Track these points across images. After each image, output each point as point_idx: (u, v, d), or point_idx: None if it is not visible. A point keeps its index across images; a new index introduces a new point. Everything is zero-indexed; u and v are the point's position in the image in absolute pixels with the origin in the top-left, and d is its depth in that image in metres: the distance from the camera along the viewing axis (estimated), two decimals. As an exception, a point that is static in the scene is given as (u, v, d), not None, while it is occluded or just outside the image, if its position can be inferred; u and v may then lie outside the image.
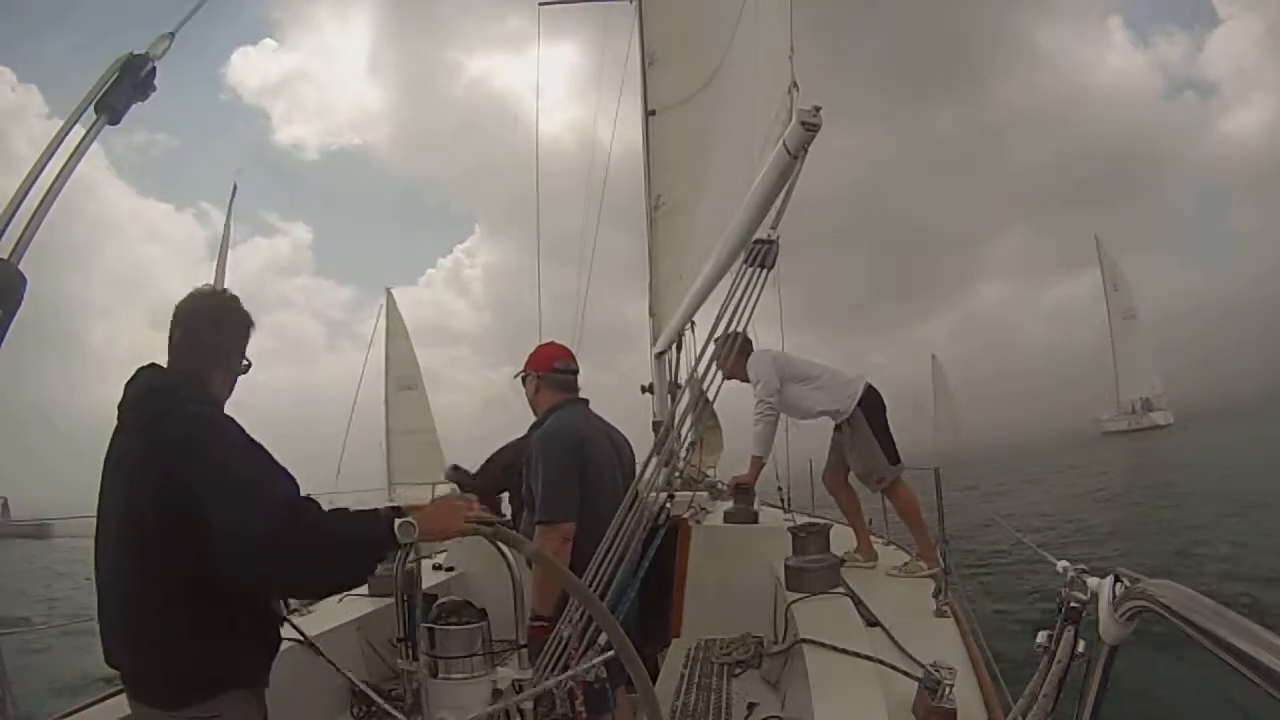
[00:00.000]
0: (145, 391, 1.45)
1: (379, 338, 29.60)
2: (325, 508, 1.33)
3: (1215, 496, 13.62)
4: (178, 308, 1.54)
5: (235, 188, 20.81)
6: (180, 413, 1.37)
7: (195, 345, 1.52)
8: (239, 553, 1.22)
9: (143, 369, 1.50)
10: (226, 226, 19.68)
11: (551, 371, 2.35)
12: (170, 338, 1.53)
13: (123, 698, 2.02)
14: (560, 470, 2.12)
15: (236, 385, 1.60)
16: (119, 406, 1.46)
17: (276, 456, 1.35)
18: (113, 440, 1.45)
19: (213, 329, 1.55)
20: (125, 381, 1.48)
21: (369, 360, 29.55)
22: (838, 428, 3.46)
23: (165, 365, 1.51)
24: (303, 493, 1.34)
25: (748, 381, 3.47)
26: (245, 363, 1.61)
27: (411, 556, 1.53)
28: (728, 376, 3.25)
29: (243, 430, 1.39)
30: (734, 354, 3.09)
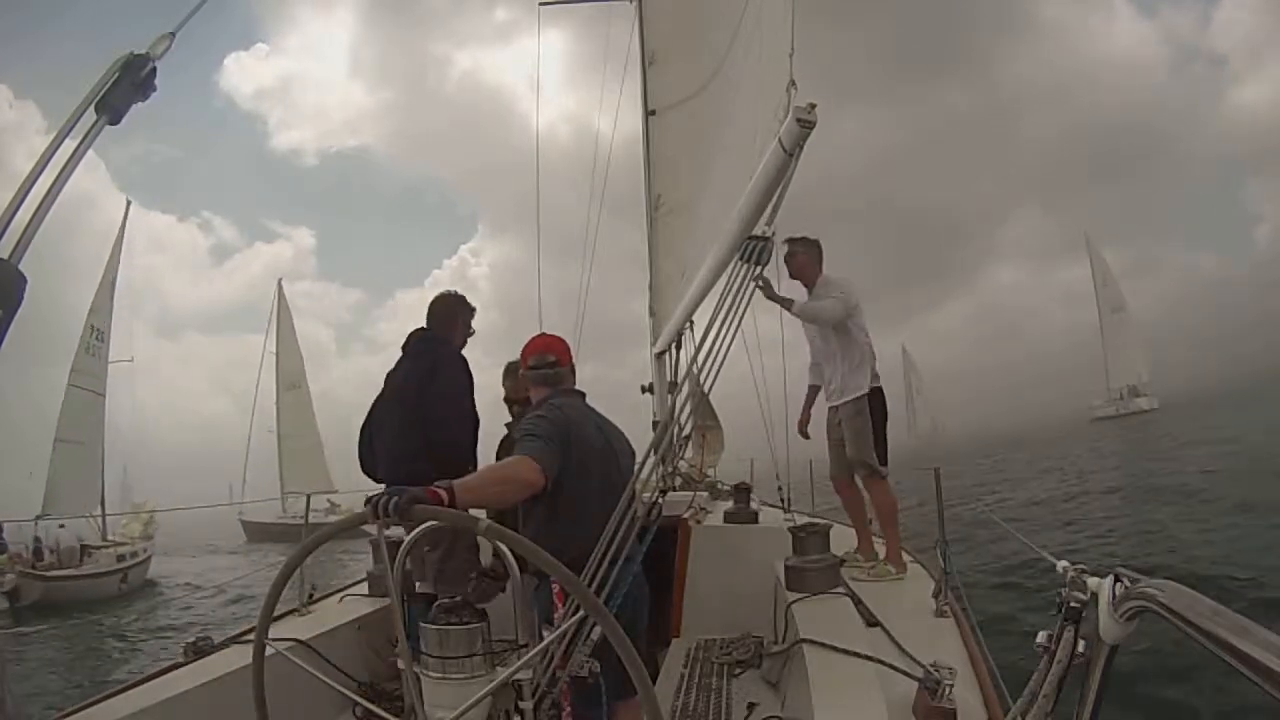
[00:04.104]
0: (422, 339, 2.83)
1: (271, 333, 29.07)
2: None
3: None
4: (431, 305, 2.92)
5: (129, 203, 21.09)
6: (439, 351, 2.78)
7: (443, 326, 2.88)
8: (441, 428, 2.61)
9: (421, 329, 2.87)
10: (120, 236, 19.95)
11: (528, 369, 2.34)
12: (431, 317, 2.88)
13: (122, 698, 2.03)
14: (546, 428, 2.02)
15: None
16: (403, 346, 2.85)
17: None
18: (397, 364, 2.82)
19: (451, 316, 2.91)
20: (409, 335, 2.88)
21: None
22: (836, 420, 3.45)
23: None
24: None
25: (808, 286, 3.43)
26: (470, 330, 2.95)
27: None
28: (794, 276, 3.42)
29: (467, 369, 2.79)
30: (804, 254, 3.40)
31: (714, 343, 1.95)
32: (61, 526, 16.51)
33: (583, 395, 2.37)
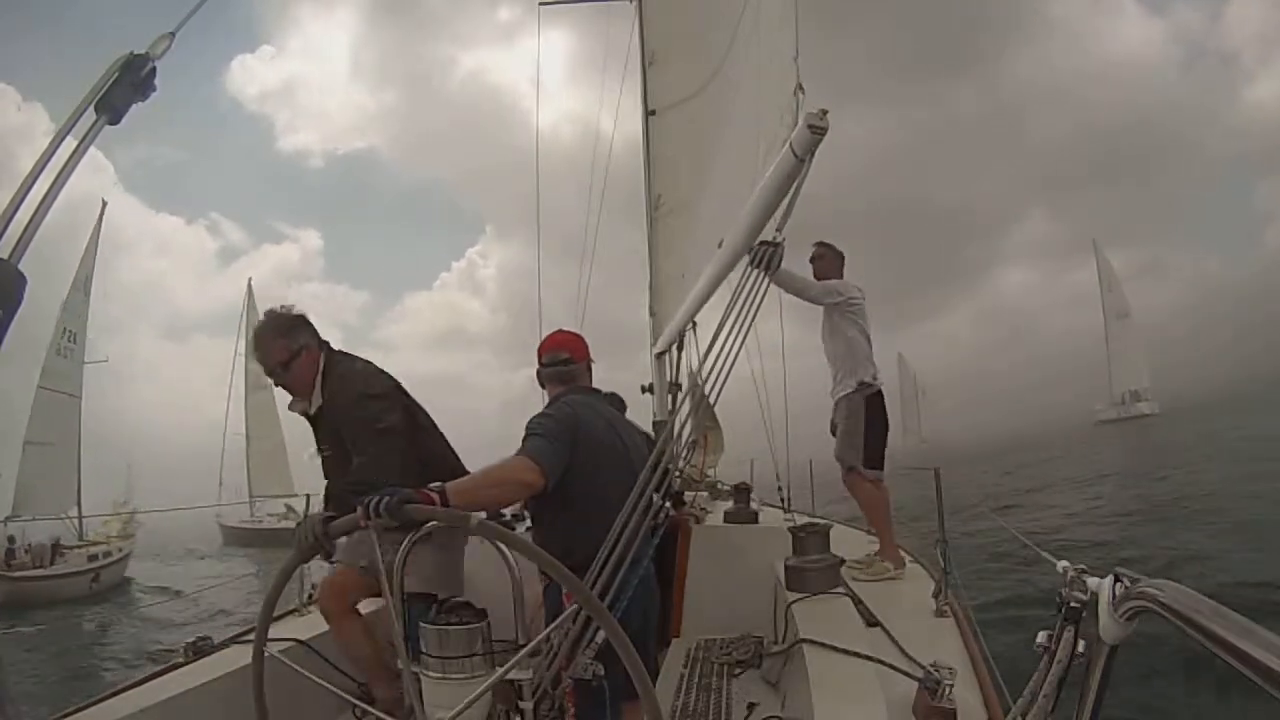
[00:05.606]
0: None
1: (242, 334, 29.57)
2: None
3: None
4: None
5: (105, 203, 21.39)
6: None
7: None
8: None
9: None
10: (95, 236, 20.16)
11: (541, 366, 2.33)
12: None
13: (122, 698, 2.03)
14: (551, 427, 2.00)
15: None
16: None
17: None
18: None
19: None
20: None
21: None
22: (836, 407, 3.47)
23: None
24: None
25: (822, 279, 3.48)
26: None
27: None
28: (816, 276, 3.52)
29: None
30: (829, 255, 3.52)
31: (722, 349, 1.93)
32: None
33: (598, 393, 2.34)
